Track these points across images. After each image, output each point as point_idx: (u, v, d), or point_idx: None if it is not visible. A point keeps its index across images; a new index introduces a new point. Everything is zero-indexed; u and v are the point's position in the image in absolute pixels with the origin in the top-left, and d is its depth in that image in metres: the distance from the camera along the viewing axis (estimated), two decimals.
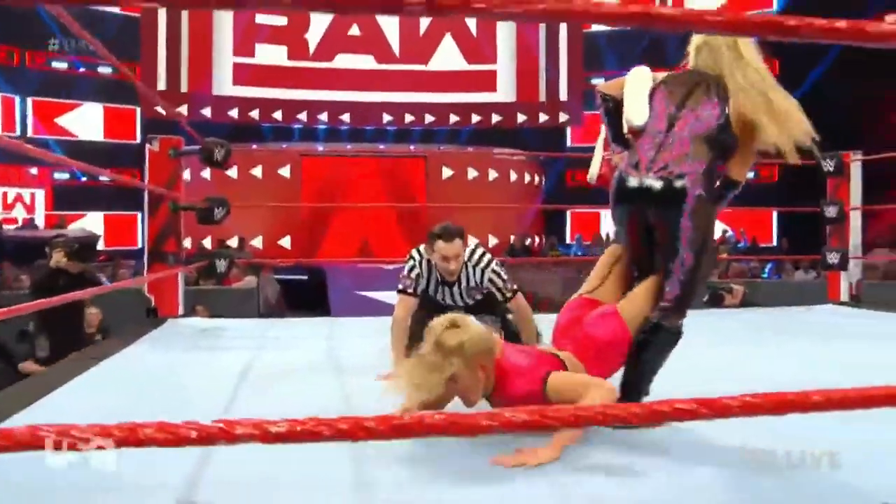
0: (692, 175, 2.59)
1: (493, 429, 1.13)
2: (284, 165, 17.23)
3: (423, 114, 19.57)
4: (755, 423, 2.66)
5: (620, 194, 2.73)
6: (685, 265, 2.62)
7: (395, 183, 17.42)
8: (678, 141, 2.65)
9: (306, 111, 19.51)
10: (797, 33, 1.26)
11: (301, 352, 4.34)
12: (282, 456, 2.15)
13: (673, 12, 1.26)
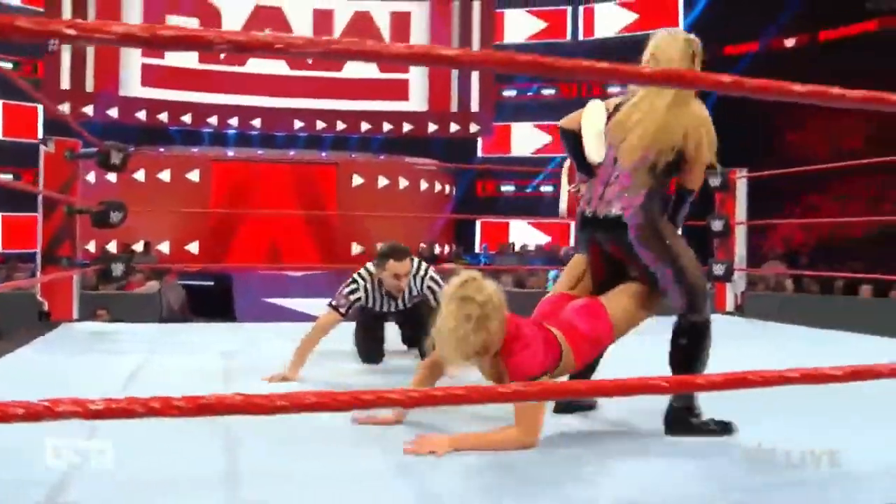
0: (629, 209, 2.84)
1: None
2: (193, 170, 17.04)
3: (335, 121, 19.60)
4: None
5: (581, 224, 3.03)
6: (670, 279, 2.85)
7: (305, 190, 17.39)
8: (622, 174, 2.89)
9: (217, 115, 19.31)
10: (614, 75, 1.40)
11: (195, 357, 4.37)
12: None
13: (452, 53, 1.39)
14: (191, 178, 16.97)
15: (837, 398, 2.91)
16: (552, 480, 2.26)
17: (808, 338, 5.60)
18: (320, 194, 17.65)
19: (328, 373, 3.92)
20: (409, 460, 2.38)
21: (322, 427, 2.52)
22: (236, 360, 4.31)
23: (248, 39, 1.24)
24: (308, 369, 3.75)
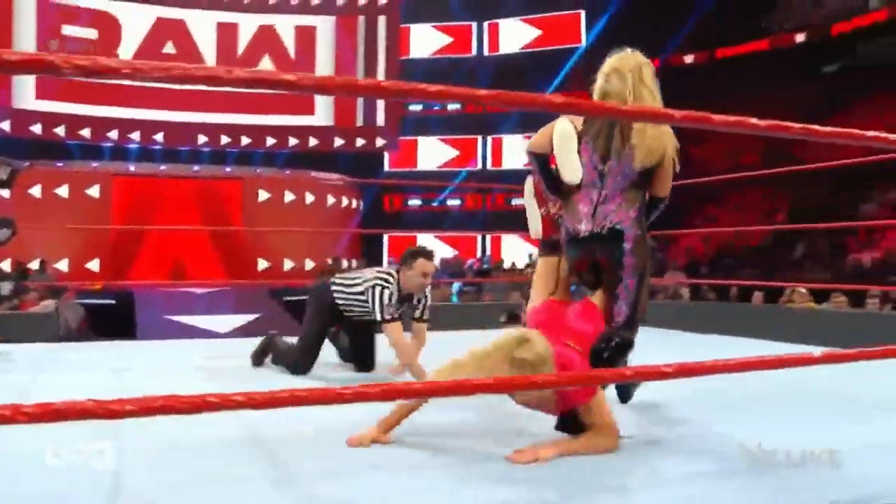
0: (626, 221, 3.08)
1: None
2: (93, 185, 16.57)
3: (240, 136, 19.38)
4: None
5: (571, 243, 3.20)
6: (629, 289, 3.11)
7: (210, 205, 17.10)
8: (611, 194, 3.10)
9: (117, 129, 18.86)
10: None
11: (86, 375, 4.27)
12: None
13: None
14: (90, 193, 16.51)
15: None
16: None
17: (703, 343, 5.80)
18: (225, 210, 17.37)
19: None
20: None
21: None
22: (128, 377, 4.23)
23: (92, 64, 1.26)
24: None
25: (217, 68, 1.34)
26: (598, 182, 3.12)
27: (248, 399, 1.33)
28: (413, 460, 2.56)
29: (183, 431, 2.58)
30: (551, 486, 2.31)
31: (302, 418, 2.56)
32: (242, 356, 4.66)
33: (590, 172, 3.14)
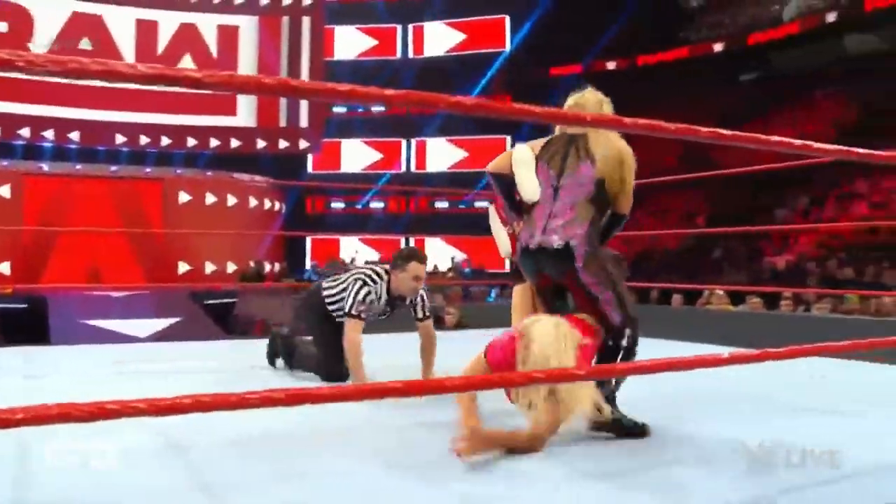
0: (576, 238, 3.12)
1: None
2: (4, 185, 16.04)
3: (160, 136, 18.95)
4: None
5: (523, 255, 3.26)
6: (610, 301, 3.14)
7: (128, 207, 16.68)
8: (564, 209, 3.17)
9: (29, 127, 18.27)
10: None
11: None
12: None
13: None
14: (1, 193, 15.98)
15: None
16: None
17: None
18: (144, 212, 16.98)
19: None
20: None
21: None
22: (34, 384, 4.10)
23: None
24: None
25: (116, 63, 1.29)
26: (552, 198, 3.22)
27: (151, 406, 1.28)
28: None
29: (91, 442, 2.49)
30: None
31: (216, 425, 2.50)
32: (160, 360, 4.56)
33: (546, 189, 3.24)
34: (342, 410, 2.46)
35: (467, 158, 22.09)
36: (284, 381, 4.34)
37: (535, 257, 3.21)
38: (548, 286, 3.30)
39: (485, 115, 1.58)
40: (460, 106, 1.55)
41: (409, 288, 4.10)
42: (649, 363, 2.03)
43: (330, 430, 2.98)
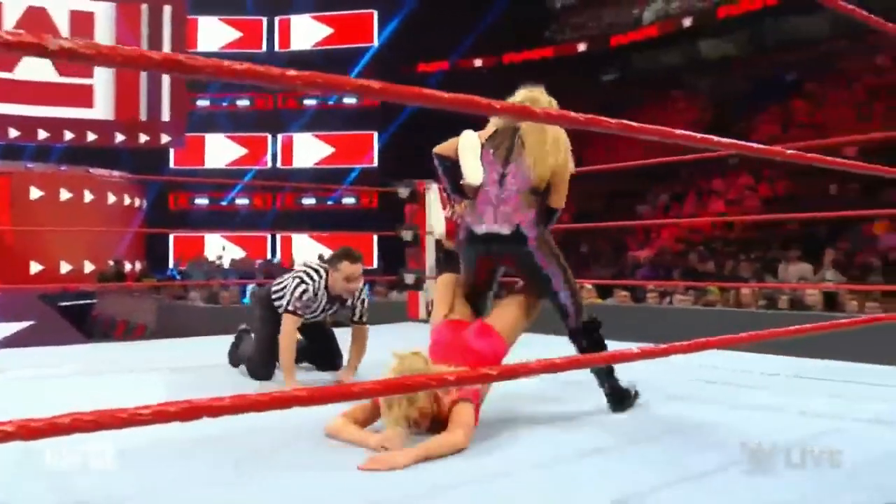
0: (524, 222, 3.29)
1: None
2: None
3: (7, 127, 17.76)
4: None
5: (471, 240, 3.39)
6: (561, 281, 3.36)
7: None
8: (510, 196, 3.30)
9: None
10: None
11: None
12: None
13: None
14: None
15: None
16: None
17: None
18: None
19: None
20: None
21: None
22: None
23: None
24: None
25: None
26: (498, 184, 3.33)
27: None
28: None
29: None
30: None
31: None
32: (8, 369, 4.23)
33: (490, 175, 3.35)
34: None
35: (334, 154, 21.80)
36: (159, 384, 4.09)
37: (485, 243, 3.36)
38: (482, 277, 3.47)
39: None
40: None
41: (342, 288, 4.04)
42: (565, 360, 1.97)
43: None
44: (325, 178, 20.89)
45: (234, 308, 9.73)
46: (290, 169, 21.66)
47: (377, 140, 21.80)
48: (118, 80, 18.42)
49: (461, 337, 3.28)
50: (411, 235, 6.89)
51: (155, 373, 4.40)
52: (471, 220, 3.39)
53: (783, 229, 12.60)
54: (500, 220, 3.31)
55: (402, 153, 19.35)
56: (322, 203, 21.57)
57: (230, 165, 21.28)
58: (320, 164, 21.71)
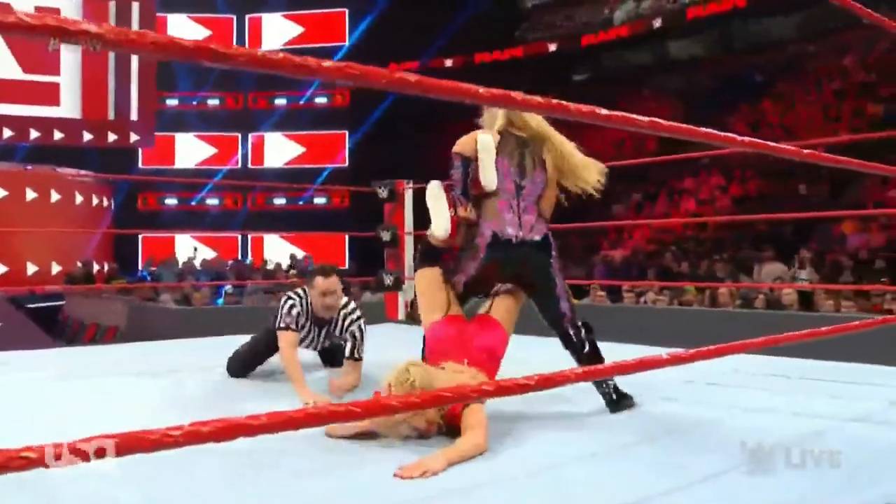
0: (547, 231, 3.44)
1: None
2: None
3: None
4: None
5: (494, 245, 3.39)
6: (562, 287, 3.47)
7: None
8: (530, 206, 3.40)
9: None
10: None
11: None
12: None
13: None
14: None
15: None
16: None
17: None
18: None
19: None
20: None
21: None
22: None
23: None
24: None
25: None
26: (517, 194, 3.41)
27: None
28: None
29: None
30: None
31: None
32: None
33: (508, 183, 3.42)
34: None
35: (305, 154, 21.66)
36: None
37: (516, 249, 3.39)
38: (488, 281, 3.52)
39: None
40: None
41: (320, 304, 3.90)
42: (603, 368, 1.93)
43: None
44: (296, 178, 20.74)
45: (206, 310, 9.59)
46: (260, 169, 21.49)
47: (348, 140, 21.68)
48: (85, 78, 18.08)
49: (465, 332, 3.29)
50: (390, 235, 6.81)
51: (140, 377, 4.28)
52: (495, 226, 3.41)
53: (754, 229, 12.68)
54: (525, 227, 3.39)
55: (373, 153, 19.28)
56: (293, 203, 21.41)
57: (200, 165, 21.05)
58: (291, 164, 21.55)
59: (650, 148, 17.25)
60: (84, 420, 3.10)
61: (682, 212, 14.43)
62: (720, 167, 15.26)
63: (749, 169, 14.69)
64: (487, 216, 3.42)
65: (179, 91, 20.93)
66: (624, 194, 16.67)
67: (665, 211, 14.93)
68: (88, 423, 2.93)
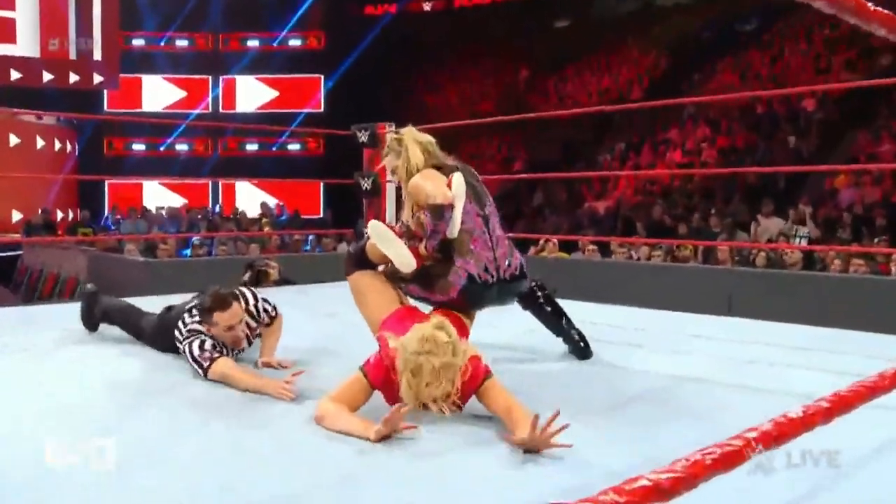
0: (519, 256, 3.25)
1: None
2: None
3: None
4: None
5: (483, 288, 3.07)
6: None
7: None
8: (500, 238, 3.17)
9: None
10: None
11: None
12: None
13: None
14: None
15: None
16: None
17: None
18: None
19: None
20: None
21: None
22: None
23: None
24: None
25: None
26: (484, 227, 3.14)
27: None
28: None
29: None
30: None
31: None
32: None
33: (475, 219, 3.13)
34: None
35: (278, 98, 20.84)
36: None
37: (499, 291, 3.14)
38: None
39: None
40: None
41: (230, 338, 3.31)
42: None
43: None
44: (269, 123, 20.03)
45: (172, 262, 9.00)
46: (231, 113, 20.65)
47: (324, 84, 20.91)
48: (43, 13, 16.74)
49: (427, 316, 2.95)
50: (370, 183, 6.24)
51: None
52: (471, 267, 3.08)
53: (744, 182, 12.17)
54: (502, 262, 3.14)
55: (350, 97, 18.54)
56: (266, 149, 20.65)
57: (169, 109, 20.16)
58: (264, 109, 20.76)
59: (635, 97, 16.67)
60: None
61: (667, 163, 13.88)
62: (706, 118, 14.71)
63: (736, 121, 14.16)
64: (462, 252, 3.08)
65: (145, 30, 19.96)
66: (608, 145, 16.12)
67: (650, 162, 14.36)
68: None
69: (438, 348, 2.48)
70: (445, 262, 3.11)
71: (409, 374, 2.49)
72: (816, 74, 14.09)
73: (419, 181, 3.13)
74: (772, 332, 4.27)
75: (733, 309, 5.25)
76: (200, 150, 20.70)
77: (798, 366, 3.54)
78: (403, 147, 3.26)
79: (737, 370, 3.45)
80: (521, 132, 18.45)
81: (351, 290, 3.25)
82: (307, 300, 5.46)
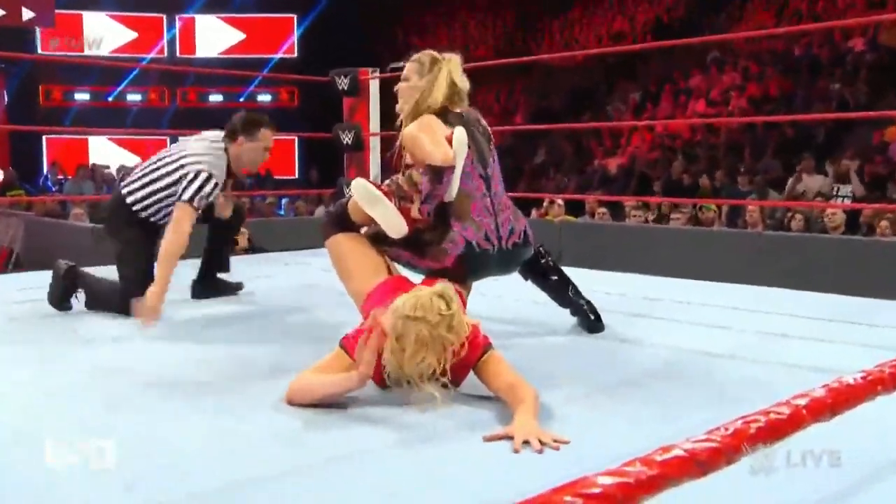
0: (525, 224, 3.29)
1: None
2: None
3: None
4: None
5: (483, 259, 3.13)
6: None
7: None
8: (503, 202, 3.21)
9: None
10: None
11: None
12: None
13: None
14: None
15: None
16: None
17: None
18: None
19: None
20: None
21: None
22: None
23: None
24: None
25: None
26: (486, 190, 3.15)
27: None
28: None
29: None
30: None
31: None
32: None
33: (476, 180, 3.14)
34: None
35: (245, 41, 20.74)
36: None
37: (494, 259, 3.17)
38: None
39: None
40: None
41: (251, 161, 3.99)
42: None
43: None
44: (235, 70, 19.94)
45: None
46: (191, 58, 20.54)
47: (297, 25, 20.80)
48: None
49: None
50: (352, 137, 6.27)
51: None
52: (469, 234, 3.10)
53: (778, 134, 12.18)
54: (504, 229, 3.17)
55: (327, 40, 18.45)
56: (232, 100, 20.50)
57: (116, 52, 20.01)
58: (228, 53, 20.66)
59: (649, 39, 16.62)
60: None
61: (689, 114, 13.87)
62: (734, 63, 14.68)
63: (770, 66, 14.12)
64: (461, 217, 3.10)
65: None
66: (620, 94, 16.10)
67: (669, 113, 14.35)
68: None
69: (432, 317, 2.42)
70: (441, 228, 3.10)
71: (393, 341, 2.45)
72: (867, 8, 13.92)
73: (417, 132, 3.08)
74: (806, 304, 4.28)
75: (762, 278, 5.29)
76: (155, 101, 20.59)
77: (835, 340, 3.54)
78: (436, 71, 3.22)
79: (765, 345, 3.46)
80: (521, 79, 18.44)
81: (330, 257, 3.26)
82: (282, 270, 5.50)
